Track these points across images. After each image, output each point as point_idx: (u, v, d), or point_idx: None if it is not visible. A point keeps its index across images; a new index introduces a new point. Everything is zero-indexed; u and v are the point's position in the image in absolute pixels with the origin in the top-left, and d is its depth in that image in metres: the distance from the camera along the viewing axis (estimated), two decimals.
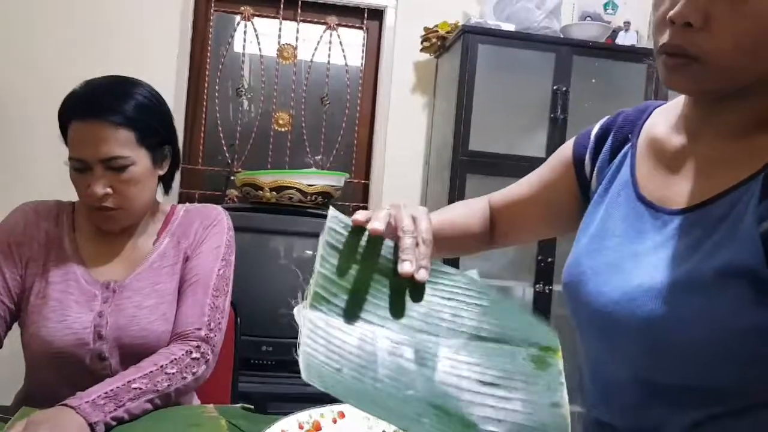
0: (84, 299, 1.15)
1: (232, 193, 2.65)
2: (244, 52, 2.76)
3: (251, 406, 1.05)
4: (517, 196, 0.98)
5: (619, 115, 0.89)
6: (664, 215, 0.73)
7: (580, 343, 0.82)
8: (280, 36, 2.74)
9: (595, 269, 0.77)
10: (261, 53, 2.76)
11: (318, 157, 2.78)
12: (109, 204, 1.14)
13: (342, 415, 0.87)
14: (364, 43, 2.78)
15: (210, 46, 2.72)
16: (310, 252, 2.37)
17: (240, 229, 1.41)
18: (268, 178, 2.27)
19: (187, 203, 1.34)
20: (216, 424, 0.97)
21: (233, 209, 2.33)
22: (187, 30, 2.65)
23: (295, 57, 2.76)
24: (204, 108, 2.73)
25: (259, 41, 2.75)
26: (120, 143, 1.12)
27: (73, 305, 1.14)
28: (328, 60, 2.77)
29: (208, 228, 1.26)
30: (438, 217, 0.91)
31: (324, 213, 2.46)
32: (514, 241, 1.04)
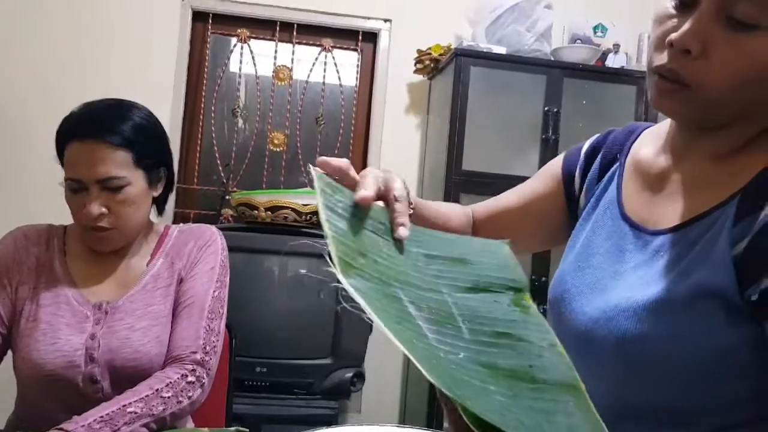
0: (75, 321, 1.15)
1: (227, 212, 2.66)
2: (240, 73, 2.79)
3: (246, 429, 1.06)
4: (504, 206, 0.98)
5: (608, 134, 0.90)
6: (645, 235, 0.75)
7: None
8: (275, 57, 2.78)
9: (579, 288, 0.79)
10: (257, 74, 2.79)
11: None
12: (103, 224, 1.15)
13: None
14: (358, 64, 2.82)
15: (207, 67, 2.76)
16: (304, 271, 2.38)
17: (235, 248, 1.42)
18: (263, 197, 2.28)
19: (180, 224, 1.34)
20: None
21: (228, 229, 2.35)
22: (185, 51, 2.69)
23: (290, 78, 2.80)
24: (200, 128, 2.76)
25: (255, 63, 2.79)
26: (117, 164, 1.14)
27: (63, 327, 1.14)
28: (323, 81, 2.80)
29: (202, 249, 1.26)
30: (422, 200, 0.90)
31: (319, 233, 2.44)
32: None
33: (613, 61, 2.56)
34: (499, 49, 2.36)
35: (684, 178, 0.75)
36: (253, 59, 2.79)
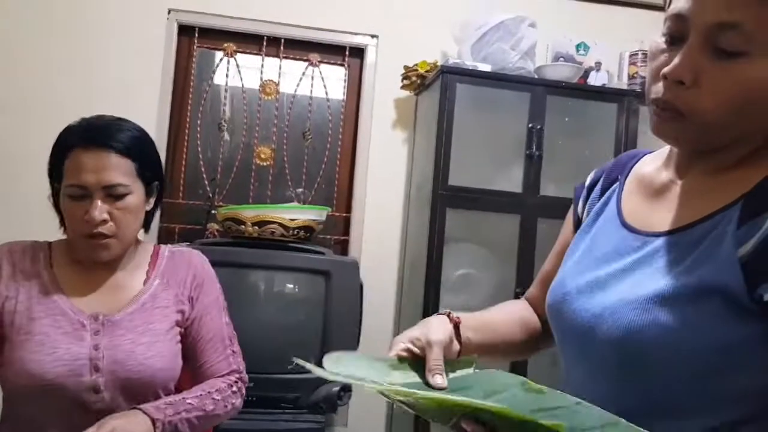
0: (72, 329, 1.17)
1: (213, 227, 2.66)
2: (226, 87, 2.80)
3: None
4: (549, 271, 0.99)
5: (609, 163, 0.96)
6: (645, 237, 0.78)
7: (563, 365, 0.86)
8: (262, 72, 2.80)
9: (579, 288, 0.82)
10: (243, 89, 2.80)
11: (300, 191, 2.81)
12: (104, 231, 1.17)
13: None
14: (345, 79, 2.85)
15: (193, 82, 2.76)
16: (292, 285, 2.39)
17: (222, 263, 1.43)
18: (250, 212, 2.29)
19: (169, 245, 1.38)
20: None
21: (215, 244, 2.35)
22: (170, 65, 2.69)
23: (277, 92, 2.81)
24: (185, 142, 2.76)
25: (241, 77, 2.80)
26: (122, 171, 1.18)
27: (61, 337, 1.15)
28: (311, 95, 2.82)
29: (200, 281, 1.32)
30: (481, 324, 0.95)
31: (306, 247, 2.45)
32: None
33: (594, 79, 2.62)
34: (485, 67, 2.40)
35: (684, 189, 0.79)
36: (239, 73, 2.80)
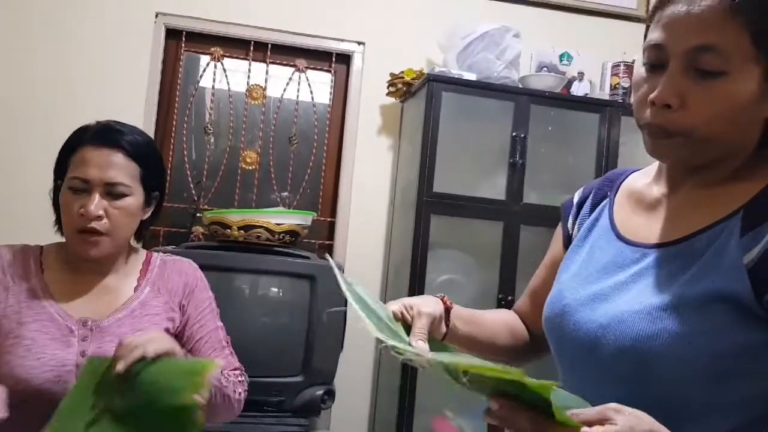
0: (60, 335, 1.17)
1: (198, 230, 2.67)
2: (213, 91, 2.81)
3: None
4: (537, 286, 1.02)
5: (597, 180, 0.98)
6: (644, 249, 0.80)
7: (561, 376, 0.87)
8: (249, 77, 2.81)
9: (580, 300, 0.83)
10: (230, 93, 2.81)
11: (285, 194, 2.83)
12: (98, 227, 1.18)
13: None
14: (331, 85, 2.87)
15: (179, 85, 2.77)
16: (276, 290, 2.40)
17: (208, 267, 1.44)
18: (236, 216, 2.30)
19: (160, 252, 1.39)
20: None
21: (200, 247, 2.36)
22: (157, 68, 2.70)
23: (263, 97, 2.82)
24: (171, 145, 2.76)
25: (228, 81, 2.81)
26: (126, 172, 1.21)
27: (48, 342, 1.16)
28: (297, 101, 2.84)
29: (192, 289, 1.33)
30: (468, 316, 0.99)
31: (291, 252, 2.46)
32: None
33: (577, 89, 2.67)
34: (470, 76, 2.44)
35: (679, 203, 0.81)
36: (226, 78, 2.81)
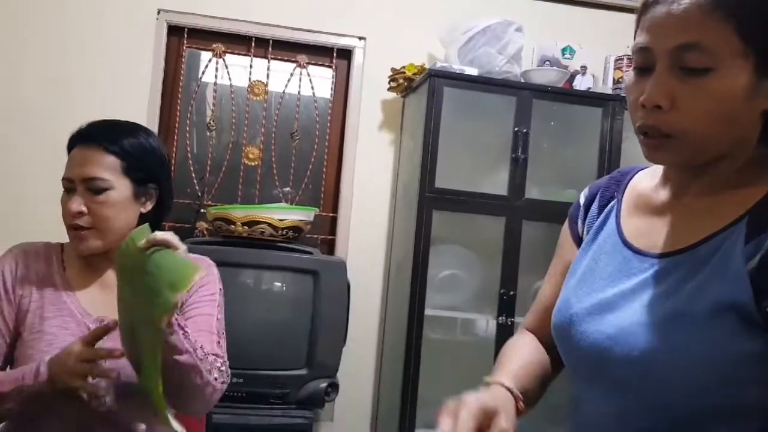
0: (79, 331, 1.20)
1: (202, 225, 2.69)
2: (215, 87, 2.82)
3: None
4: (546, 301, 0.98)
5: (603, 179, 0.97)
6: (650, 258, 0.80)
7: (576, 383, 0.87)
8: (251, 73, 2.82)
9: (587, 309, 0.83)
10: (232, 89, 2.82)
11: (287, 190, 2.84)
12: (81, 223, 1.22)
13: None
14: (333, 81, 2.87)
15: (182, 81, 2.78)
16: (280, 284, 2.43)
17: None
18: (240, 212, 2.32)
19: None
20: None
21: (205, 243, 2.38)
22: (160, 65, 2.71)
23: (265, 93, 2.83)
24: (174, 141, 2.77)
25: (230, 77, 2.82)
26: (104, 167, 1.23)
27: (69, 338, 1.18)
28: (298, 96, 2.85)
29: (202, 284, 1.32)
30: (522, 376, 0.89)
31: (294, 247, 2.48)
32: None
33: (580, 83, 2.66)
34: (471, 71, 2.44)
35: (685, 209, 0.81)
36: (228, 74, 2.82)
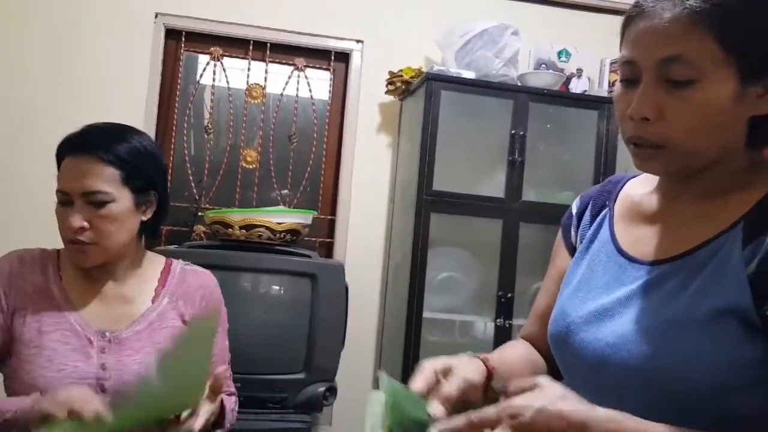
0: (80, 346, 1.17)
1: (199, 228, 2.68)
2: (213, 90, 2.82)
3: None
4: (542, 311, 0.98)
5: (594, 188, 0.98)
6: (645, 266, 0.81)
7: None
8: (248, 76, 2.82)
9: (584, 318, 0.83)
10: (230, 92, 2.82)
11: (285, 192, 2.84)
12: (83, 238, 1.17)
13: None
14: (330, 84, 2.88)
15: (179, 85, 2.78)
16: (278, 288, 2.42)
17: (210, 266, 1.45)
18: (237, 216, 2.32)
19: (180, 260, 1.37)
20: None
21: (202, 246, 2.38)
22: (157, 68, 2.71)
23: (263, 96, 2.84)
24: (172, 145, 2.77)
25: (228, 80, 2.82)
26: (103, 179, 1.17)
27: (70, 354, 1.16)
28: (296, 99, 2.85)
29: (212, 304, 1.33)
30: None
31: (292, 250, 2.48)
32: None
33: (576, 86, 2.68)
34: (468, 74, 2.45)
35: (679, 215, 0.82)
36: (225, 77, 2.82)
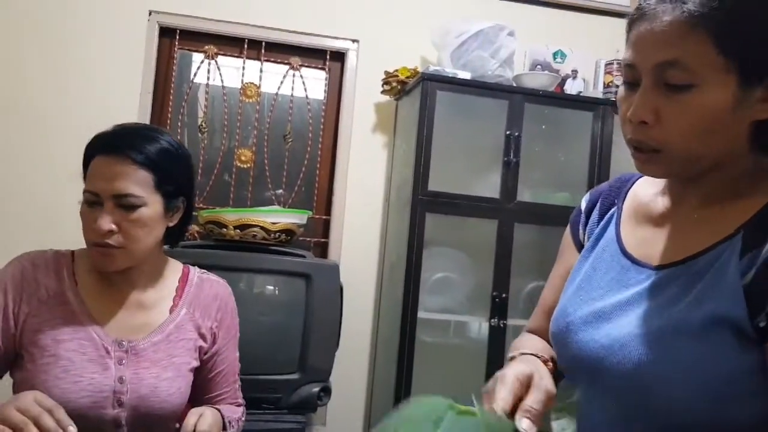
0: (97, 356, 1.14)
1: (193, 228, 2.67)
2: (207, 89, 2.81)
3: None
4: (549, 304, 0.99)
5: (604, 185, 0.99)
6: (647, 269, 0.81)
7: (577, 390, 0.87)
8: (243, 74, 2.81)
9: (583, 318, 0.84)
10: (224, 91, 2.81)
11: (279, 192, 2.84)
12: (111, 242, 1.13)
13: None
14: (326, 83, 2.87)
15: (173, 83, 2.77)
16: (273, 288, 2.42)
17: (204, 266, 1.44)
18: (232, 216, 2.31)
19: (197, 267, 1.35)
20: None
21: (197, 246, 2.37)
22: (151, 67, 2.69)
23: (258, 95, 2.83)
24: None
25: (222, 79, 2.81)
26: (136, 182, 1.13)
27: (87, 365, 1.12)
28: (291, 99, 2.85)
29: (227, 314, 1.33)
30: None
31: (287, 250, 2.48)
32: None
33: (571, 87, 2.68)
34: (464, 74, 2.45)
35: (682, 221, 0.83)
36: (220, 76, 2.81)
